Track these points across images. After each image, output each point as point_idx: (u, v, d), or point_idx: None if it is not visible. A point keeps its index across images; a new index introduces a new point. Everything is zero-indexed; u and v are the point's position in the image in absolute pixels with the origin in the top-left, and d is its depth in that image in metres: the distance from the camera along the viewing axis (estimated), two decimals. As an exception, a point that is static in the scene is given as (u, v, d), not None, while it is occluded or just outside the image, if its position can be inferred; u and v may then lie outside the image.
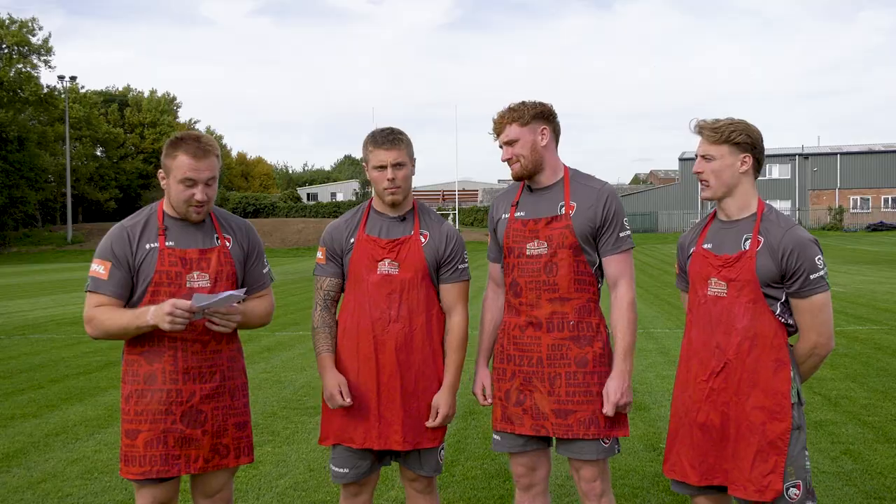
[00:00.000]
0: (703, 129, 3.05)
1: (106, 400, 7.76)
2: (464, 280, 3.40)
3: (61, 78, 56.31)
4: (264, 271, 3.37)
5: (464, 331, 3.38)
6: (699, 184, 3.13)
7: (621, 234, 3.24)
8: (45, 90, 55.03)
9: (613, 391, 3.16)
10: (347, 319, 3.35)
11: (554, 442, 3.35)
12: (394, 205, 3.33)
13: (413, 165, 3.36)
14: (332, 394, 3.27)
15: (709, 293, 3.06)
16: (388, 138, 3.29)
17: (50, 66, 58.44)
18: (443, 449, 3.42)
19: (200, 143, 3.05)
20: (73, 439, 6.31)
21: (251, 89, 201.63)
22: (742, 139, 3.00)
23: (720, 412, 3.02)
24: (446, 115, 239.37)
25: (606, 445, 3.23)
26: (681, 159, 63.39)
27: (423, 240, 3.34)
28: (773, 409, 2.94)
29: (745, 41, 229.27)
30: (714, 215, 3.18)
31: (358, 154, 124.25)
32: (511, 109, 3.27)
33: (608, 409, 3.14)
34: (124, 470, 3.09)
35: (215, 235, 3.19)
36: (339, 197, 73.68)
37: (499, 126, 3.29)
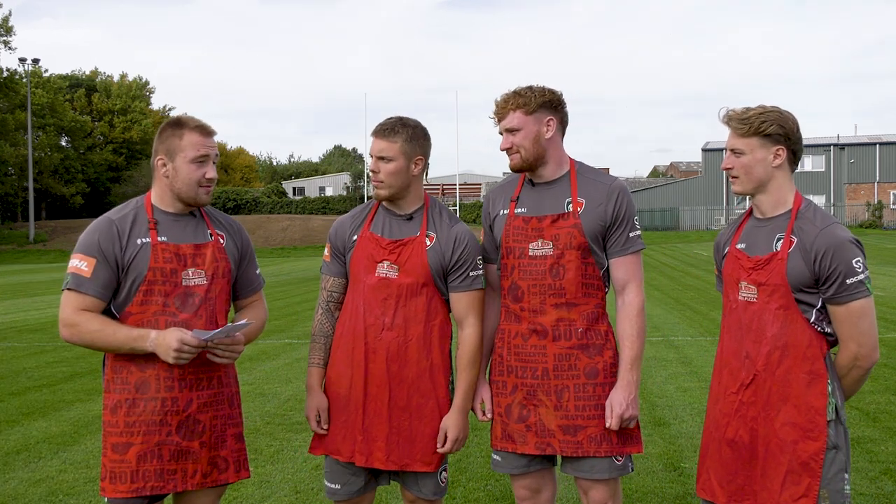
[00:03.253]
0: (731, 120, 3.03)
1: (72, 415, 7.76)
2: (476, 289, 3.35)
3: (22, 61, 56.36)
4: (257, 272, 3.43)
5: (476, 346, 3.34)
6: (729, 179, 3.12)
7: (631, 235, 3.25)
8: (5, 74, 55.04)
9: (618, 403, 3.16)
10: (345, 322, 3.37)
11: (559, 460, 3.35)
12: (384, 199, 3.35)
13: (412, 163, 3.30)
14: (308, 416, 3.40)
15: (739, 298, 3.06)
16: (383, 127, 3.30)
17: (10, 48, 58.47)
18: (445, 470, 3.41)
19: (203, 122, 3.17)
20: (36, 458, 6.31)
21: (232, 73, 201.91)
22: (774, 130, 2.97)
23: (749, 428, 3.02)
24: (446, 101, 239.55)
25: (619, 463, 3.24)
26: (704, 150, 63.36)
27: (428, 242, 3.31)
28: (805, 427, 2.92)
29: (776, 20, 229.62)
30: (751, 212, 3.17)
31: (349, 144, 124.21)
32: (517, 94, 3.24)
33: (612, 423, 3.16)
34: (110, 489, 3.05)
35: (207, 231, 3.23)
36: (329, 191, 73.73)
37: (501, 111, 3.26)
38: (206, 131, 3.15)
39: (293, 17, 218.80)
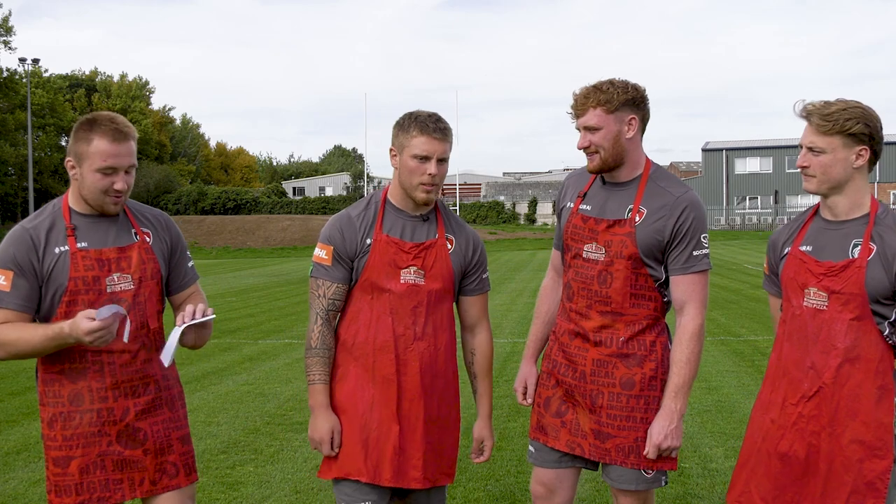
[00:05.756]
0: (811, 115, 2.83)
1: (72, 415, 7.75)
2: (486, 291, 3.29)
3: (23, 61, 56.29)
4: (190, 265, 3.23)
5: (492, 350, 3.32)
6: (802, 176, 2.93)
7: (695, 253, 3.05)
8: (5, 74, 55.04)
9: (657, 432, 3.04)
10: (359, 334, 3.12)
11: (600, 466, 3.28)
12: (426, 203, 3.13)
13: None
14: (322, 440, 3.10)
15: (805, 304, 2.88)
16: (440, 126, 3.05)
17: (10, 48, 58.38)
18: None
19: (118, 125, 2.89)
20: (36, 458, 6.29)
21: (232, 73, 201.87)
22: (858, 129, 2.77)
23: (807, 443, 2.86)
24: (446, 100, 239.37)
25: (649, 476, 3.14)
26: (704, 150, 63.34)
27: (449, 246, 3.17)
28: (873, 445, 2.77)
29: (776, 20, 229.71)
30: (816, 212, 3.01)
31: (349, 144, 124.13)
32: (598, 90, 3.04)
33: (650, 452, 3.05)
34: (56, 502, 2.96)
35: (132, 230, 3.05)
36: (329, 191, 73.73)
37: (581, 107, 3.08)
38: (118, 136, 2.87)
39: (293, 16, 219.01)
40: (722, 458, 5.92)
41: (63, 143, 64.43)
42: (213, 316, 2.97)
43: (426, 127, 3.03)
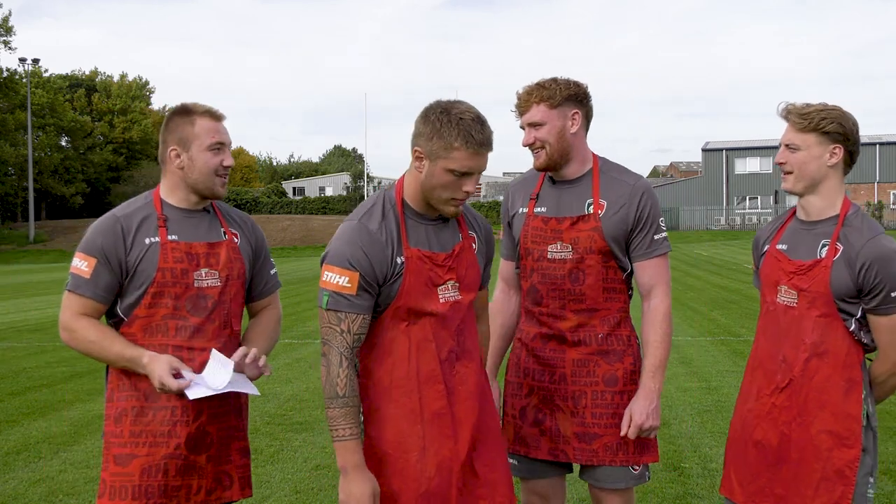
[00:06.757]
0: (790, 113, 2.95)
1: (72, 415, 7.76)
2: (489, 279, 3.12)
3: (23, 61, 56.39)
4: (272, 272, 3.18)
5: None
6: (781, 175, 3.03)
7: (656, 237, 3.13)
8: (5, 74, 55.05)
9: (638, 412, 3.04)
10: (396, 368, 2.71)
11: (576, 467, 3.27)
12: (454, 216, 2.79)
13: None
14: None
15: (778, 301, 3.01)
16: (486, 137, 2.63)
17: (10, 48, 58.45)
18: None
19: (211, 107, 2.98)
20: (36, 458, 6.31)
21: (232, 73, 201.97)
22: (833, 128, 2.88)
23: (779, 432, 2.98)
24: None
25: (636, 472, 3.15)
26: (704, 150, 63.37)
27: (474, 245, 2.90)
28: (841, 435, 2.89)
29: (776, 20, 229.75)
30: (794, 213, 3.10)
31: (349, 144, 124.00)
32: (540, 87, 3.06)
33: (630, 432, 3.04)
34: None
35: (221, 229, 3.02)
36: (329, 191, 73.80)
37: (524, 104, 3.08)
38: (216, 116, 2.95)
39: (293, 16, 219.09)
40: (722, 458, 5.91)
41: (63, 144, 64.46)
42: (257, 393, 2.89)
43: (471, 139, 2.59)
